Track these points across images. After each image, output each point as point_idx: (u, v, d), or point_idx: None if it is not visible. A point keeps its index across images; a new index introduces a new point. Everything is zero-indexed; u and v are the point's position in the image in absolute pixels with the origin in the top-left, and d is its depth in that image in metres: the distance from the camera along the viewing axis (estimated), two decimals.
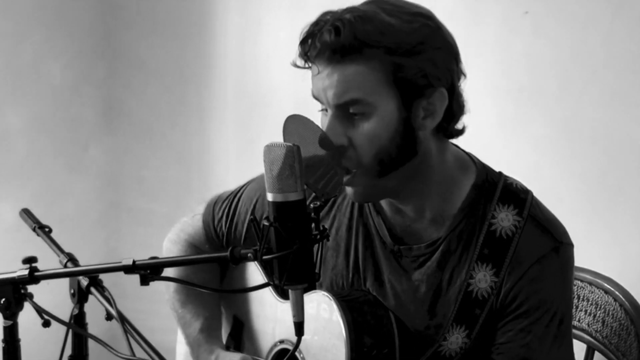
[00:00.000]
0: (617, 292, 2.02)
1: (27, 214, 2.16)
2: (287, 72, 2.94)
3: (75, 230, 3.34)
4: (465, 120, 1.66)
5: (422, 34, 1.52)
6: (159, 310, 2.24)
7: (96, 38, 3.37)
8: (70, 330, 1.67)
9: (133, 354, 1.56)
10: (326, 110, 1.58)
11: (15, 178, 3.17)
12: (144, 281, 1.53)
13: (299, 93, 2.94)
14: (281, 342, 1.79)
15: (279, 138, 3.15)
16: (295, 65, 1.63)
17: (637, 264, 2.20)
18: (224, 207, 1.92)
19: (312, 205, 1.39)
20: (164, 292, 1.97)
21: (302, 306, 1.40)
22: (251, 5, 3.07)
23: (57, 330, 1.61)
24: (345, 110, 1.53)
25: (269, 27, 3.03)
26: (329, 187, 1.53)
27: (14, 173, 3.17)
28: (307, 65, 1.60)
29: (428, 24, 1.55)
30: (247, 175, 3.12)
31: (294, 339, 1.73)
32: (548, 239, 1.62)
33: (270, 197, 1.37)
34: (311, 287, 1.62)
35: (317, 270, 1.40)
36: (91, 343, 1.63)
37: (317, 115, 3.02)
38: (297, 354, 1.74)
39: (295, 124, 1.56)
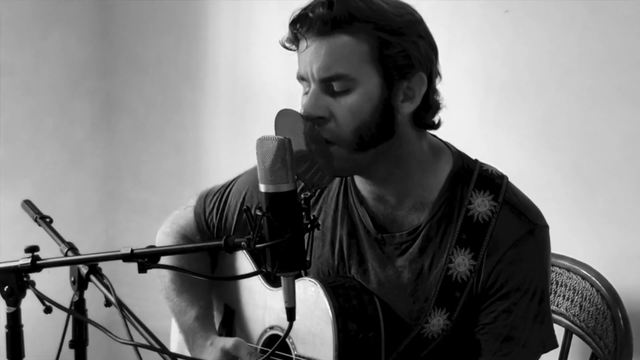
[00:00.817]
0: (593, 278, 2.03)
1: (28, 204, 2.15)
2: (278, 69, 2.98)
3: (74, 221, 3.33)
4: (441, 116, 1.67)
5: (408, 20, 1.55)
6: (154, 297, 2.24)
7: (94, 37, 3.36)
8: (71, 316, 1.67)
9: (131, 338, 1.55)
10: (307, 93, 1.58)
11: (17, 171, 3.16)
12: (142, 269, 1.53)
13: (290, 89, 2.95)
14: (271, 328, 1.79)
15: (270, 132, 3.14)
16: (284, 46, 1.64)
17: (613, 251, 2.20)
18: (215, 200, 1.92)
19: (302, 195, 1.39)
20: (158, 282, 1.97)
21: (293, 292, 1.40)
22: (243, 5, 3.05)
23: (57, 317, 1.60)
24: (329, 86, 1.54)
25: (260, 25, 3.02)
26: (318, 178, 1.54)
27: (16, 166, 3.15)
28: (293, 47, 1.62)
29: (413, 14, 1.58)
30: (239, 167, 3.11)
31: (284, 324, 1.75)
32: (523, 222, 1.62)
33: (262, 188, 1.37)
34: (300, 274, 1.63)
35: (307, 258, 1.40)
36: (91, 329, 1.63)
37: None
38: (287, 340, 1.74)
39: (286, 118, 1.56)
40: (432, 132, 1.69)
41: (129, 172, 3.46)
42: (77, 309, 1.64)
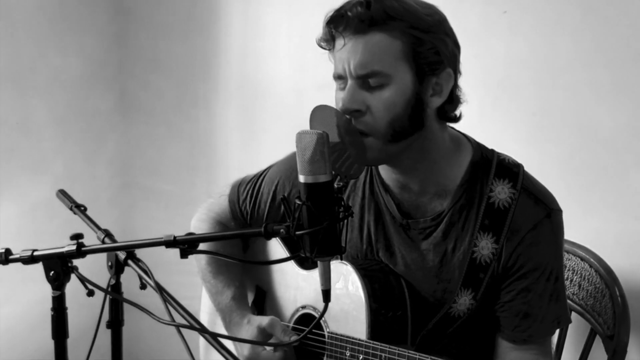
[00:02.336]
0: (592, 259, 2.04)
1: (63, 194, 2.12)
2: (286, 66, 2.97)
3: (92, 209, 3.30)
4: (462, 110, 1.68)
5: (437, 19, 1.56)
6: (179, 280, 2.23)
7: (110, 37, 3.32)
8: (107, 298, 1.66)
9: (173, 319, 1.55)
10: (343, 89, 1.58)
11: (40, 164, 3.13)
12: (184, 254, 1.53)
13: (298, 84, 2.95)
14: (303, 307, 1.79)
15: (278, 125, 3.17)
16: (320, 46, 1.64)
17: (609, 233, 2.21)
18: (248, 189, 1.92)
19: (336, 185, 1.39)
20: (194, 264, 1.96)
21: (329, 276, 1.39)
22: (252, 5, 3.03)
23: (93, 299, 1.59)
24: (365, 81, 1.54)
25: (268, 24, 2.99)
26: (349, 168, 1.54)
27: (39, 160, 3.13)
28: (329, 47, 1.62)
29: (440, 14, 1.59)
30: (249, 158, 3.12)
31: (315, 304, 1.75)
32: (541, 207, 1.63)
33: (302, 178, 1.36)
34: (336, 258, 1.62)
35: (343, 244, 1.39)
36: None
37: (309, 109, 3.02)
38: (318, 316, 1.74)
39: (322, 112, 1.56)
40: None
41: (143, 164, 3.43)
42: (115, 292, 1.64)
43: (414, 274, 1.69)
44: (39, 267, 1.64)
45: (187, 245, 1.56)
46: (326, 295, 1.39)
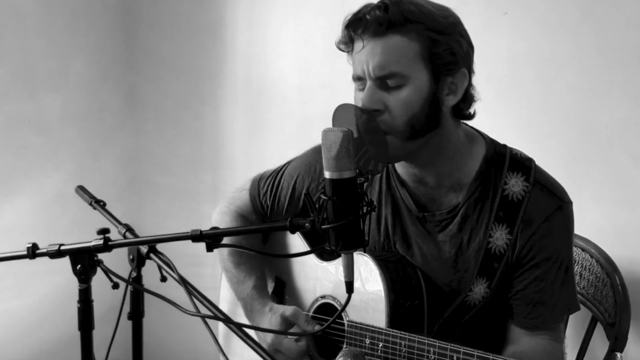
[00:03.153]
0: (592, 250, 2.07)
1: (82, 190, 2.12)
2: (289, 64, 2.98)
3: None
4: (476, 107, 1.69)
5: (451, 21, 1.58)
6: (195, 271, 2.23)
7: (119, 37, 3.32)
8: (128, 290, 1.66)
9: (198, 310, 1.56)
10: (362, 90, 1.59)
11: (51, 161, 3.13)
12: (209, 248, 1.54)
13: (302, 83, 2.96)
14: (322, 297, 1.80)
15: (282, 123, 3.17)
16: (339, 49, 1.65)
17: (608, 225, 2.24)
18: (268, 183, 1.93)
19: (358, 181, 1.40)
20: (217, 254, 1.97)
21: (352, 268, 1.40)
22: (258, 7, 3.03)
23: (114, 293, 1.59)
24: (384, 82, 1.56)
25: (273, 26, 3.00)
26: (369, 164, 1.55)
27: (50, 156, 3.13)
28: (348, 49, 1.62)
29: (454, 16, 1.61)
30: (254, 154, 3.13)
31: (334, 294, 1.76)
32: (553, 199, 1.65)
33: (327, 175, 1.37)
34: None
35: (366, 238, 1.41)
36: None
37: (323, 106, 3.03)
38: (338, 307, 1.75)
39: (344, 111, 1.57)
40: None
41: (150, 160, 3.43)
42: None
43: (431, 264, 1.70)
44: (47, 262, 1.65)
45: (212, 240, 1.56)
46: (349, 286, 1.41)
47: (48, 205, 3.12)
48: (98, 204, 2.02)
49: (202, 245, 2.62)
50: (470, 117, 1.67)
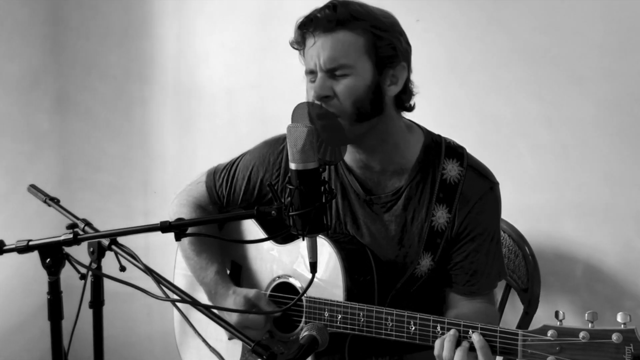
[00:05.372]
0: (504, 226, 2.19)
1: (35, 188, 2.06)
2: (218, 66, 2.96)
3: (34, 201, 3.19)
4: (415, 101, 1.77)
5: (392, 21, 1.69)
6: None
7: (48, 43, 3.21)
8: (88, 280, 1.64)
9: (167, 296, 1.55)
10: (313, 81, 1.67)
11: None
12: (178, 237, 1.53)
13: (231, 85, 2.96)
14: (279, 277, 1.83)
15: (210, 122, 3.15)
16: (292, 47, 1.73)
17: (516, 205, 2.32)
18: (224, 175, 1.94)
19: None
20: (177, 245, 1.96)
21: (316, 249, 1.45)
22: (186, 12, 3.00)
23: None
24: (333, 73, 1.64)
25: (202, 30, 2.98)
26: (331, 155, 1.60)
27: None
28: (300, 47, 1.71)
29: (394, 17, 1.71)
30: (183, 153, 3.10)
31: (291, 273, 1.80)
32: (485, 181, 1.77)
33: (293, 166, 1.42)
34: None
35: (327, 222, 1.45)
36: None
37: (250, 106, 3.02)
38: (296, 284, 1.79)
39: (299, 109, 1.62)
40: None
41: (81, 158, 3.32)
42: (95, 276, 1.61)
43: (379, 242, 1.77)
44: None
45: (179, 230, 1.55)
46: (313, 266, 1.45)
47: None
48: (52, 201, 1.97)
49: (153, 238, 2.59)
50: (411, 109, 1.76)
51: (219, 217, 1.86)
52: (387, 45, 1.64)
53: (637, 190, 2.29)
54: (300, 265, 1.78)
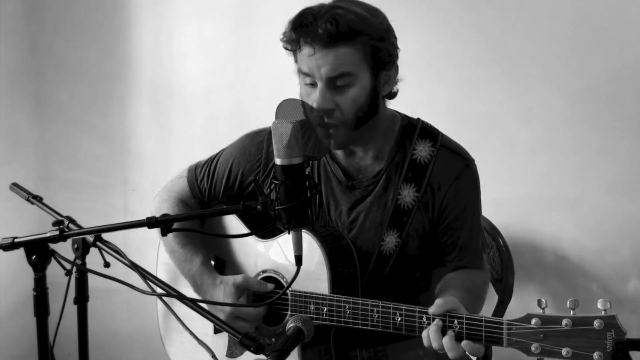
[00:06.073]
0: None
1: (17, 187, 2.02)
2: (196, 65, 2.94)
3: (13, 200, 3.13)
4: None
5: (386, 26, 1.68)
6: None
7: (25, 43, 3.14)
8: (72, 277, 1.62)
9: (154, 291, 1.53)
10: (312, 84, 1.65)
11: None
12: (164, 232, 1.52)
13: (209, 84, 2.94)
14: (264, 271, 1.81)
15: (188, 119, 3.12)
16: (284, 46, 1.69)
17: (490, 198, 2.34)
18: (205, 170, 1.93)
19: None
20: (161, 239, 1.94)
21: (301, 243, 1.44)
22: (163, 11, 2.96)
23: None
24: (334, 83, 1.62)
25: (179, 28, 2.94)
26: (316, 151, 1.60)
27: None
28: (292, 48, 1.67)
29: (385, 16, 1.70)
30: (162, 151, 3.07)
31: (276, 267, 1.79)
32: (460, 159, 1.78)
33: (279, 161, 1.40)
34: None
35: (312, 216, 1.44)
36: None
37: (228, 104, 3.00)
38: (280, 278, 1.78)
39: (288, 105, 1.60)
40: None
41: (60, 157, 3.26)
42: (79, 272, 1.59)
43: (363, 226, 1.77)
44: None
45: (163, 225, 1.53)
46: (298, 259, 1.44)
47: None
48: (35, 199, 1.93)
49: (132, 235, 2.56)
50: (395, 95, 1.77)
51: (205, 212, 1.84)
52: (384, 53, 1.65)
53: (603, 183, 2.33)
54: (284, 259, 1.77)
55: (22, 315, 1.63)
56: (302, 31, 1.61)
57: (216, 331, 1.87)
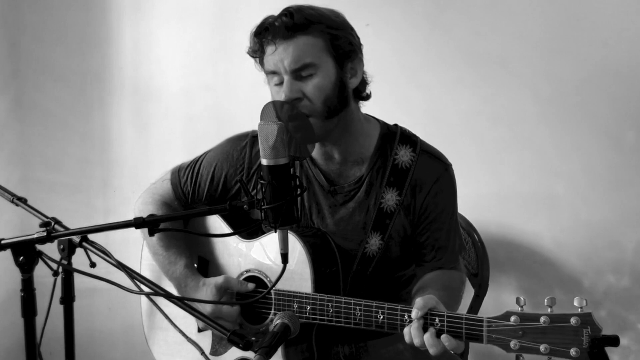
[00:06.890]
0: None
1: (1, 189, 1.99)
2: (176, 68, 2.92)
3: None
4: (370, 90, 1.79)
5: (342, 19, 1.71)
6: None
7: (4, 46, 3.09)
8: (59, 277, 1.59)
9: (141, 290, 1.52)
10: (280, 84, 1.66)
11: None
12: (151, 233, 1.50)
13: (186, 86, 2.91)
14: (247, 271, 1.80)
15: (168, 122, 3.09)
16: (251, 55, 1.73)
17: (465, 196, 2.38)
18: (188, 172, 1.91)
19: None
20: (144, 241, 1.92)
21: (287, 241, 1.44)
22: (142, 14, 2.93)
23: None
24: (298, 74, 1.64)
25: (158, 32, 2.91)
26: (300, 152, 1.60)
27: None
28: (258, 55, 1.70)
29: (344, 16, 1.73)
30: (141, 153, 3.04)
31: (259, 267, 1.78)
32: (439, 163, 1.79)
33: (265, 162, 1.40)
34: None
35: (297, 215, 1.44)
36: None
37: (206, 106, 2.98)
38: (264, 278, 1.76)
39: (267, 109, 1.61)
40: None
41: (40, 159, 3.21)
42: (66, 272, 1.56)
43: (345, 228, 1.77)
44: None
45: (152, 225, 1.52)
46: (284, 257, 1.43)
47: None
48: (20, 200, 1.90)
49: (113, 236, 2.52)
50: (368, 97, 1.78)
51: (191, 213, 1.82)
52: (344, 42, 1.67)
53: (572, 179, 2.35)
54: (267, 259, 1.75)
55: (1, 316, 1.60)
56: (263, 34, 1.66)
57: (200, 330, 1.86)
